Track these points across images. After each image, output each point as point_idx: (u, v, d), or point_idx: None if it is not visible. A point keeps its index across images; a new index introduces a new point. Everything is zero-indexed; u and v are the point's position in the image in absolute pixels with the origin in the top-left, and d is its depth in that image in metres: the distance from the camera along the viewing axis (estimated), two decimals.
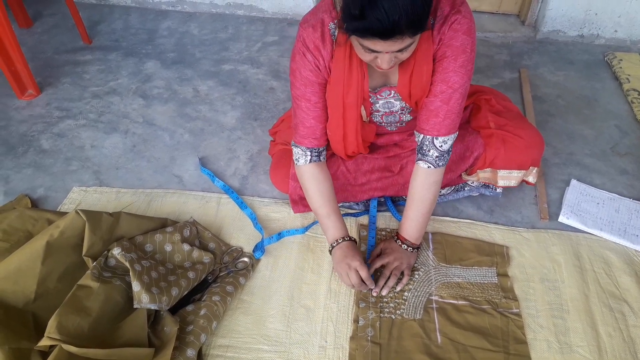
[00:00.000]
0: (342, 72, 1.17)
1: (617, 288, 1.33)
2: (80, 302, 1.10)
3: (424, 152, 1.24)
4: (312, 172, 1.31)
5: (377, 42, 0.96)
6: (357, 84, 1.19)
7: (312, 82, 1.20)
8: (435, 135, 1.22)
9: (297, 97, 1.24)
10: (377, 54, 1.02)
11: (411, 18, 0.91)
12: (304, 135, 1.28)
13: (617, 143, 1.84)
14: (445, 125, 1.20)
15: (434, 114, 1.20)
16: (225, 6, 2.65)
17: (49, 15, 2.63)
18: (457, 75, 1.14)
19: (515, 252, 1.42)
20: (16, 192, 1.60)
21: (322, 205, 1.30)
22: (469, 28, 1.11)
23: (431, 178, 1.27)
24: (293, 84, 1.23)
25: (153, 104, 2.02)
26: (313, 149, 1.29)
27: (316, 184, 1.30)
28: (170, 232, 1.34)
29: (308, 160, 1.30)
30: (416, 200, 1.29)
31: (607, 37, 2.41)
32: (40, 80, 2.12)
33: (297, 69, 1.19)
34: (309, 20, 1.15)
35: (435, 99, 1.18)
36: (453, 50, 1.12)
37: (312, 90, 1.22)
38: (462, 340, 1.20)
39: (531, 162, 1.43)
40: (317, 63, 1.17)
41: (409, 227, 1.32)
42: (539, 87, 2.14)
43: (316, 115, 1.25)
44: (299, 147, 1.30)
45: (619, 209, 1.54)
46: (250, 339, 1.21)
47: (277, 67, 2.25)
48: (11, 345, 1.05)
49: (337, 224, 1.30)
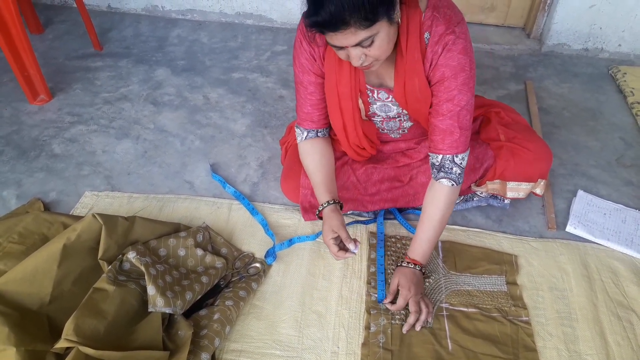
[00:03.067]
0: (334, 63, 1.22)
1: (624, 297, 1.35)
2: (96, 305, 1.12)
3: (447, 170, 1.23)
4: (310, 144, 1.38)
5: (333, 36, 1.01)
6: (350, 74, 1.23)
7: (308, 70, 1.26)
8: (455, 154, 1.22)
9: (297, 83, 1.32)
10: (346, 51, 1.06)
11: (353, 7, 0.94)
12: (304, 119, 1.37)
13: (622, 155, 1.87)
14: (461, 143, 1.21)
15: (449, 133, 1.20)
16: (234, 15, 2.69)
17: (60, 22, 2.66)
18: (461, 93, 1.16)
19: (524, 261, 1.44)
20: (28, 196, 1.62)
21: (313, 172, 1.37)
22: (464, 48, 1.13)
23: (453, 196, 1.26)
24: (294, 70, 1.30)
25: (164, 111, 2.04)
26: (311, 129, 1.38)
27: (312, 156, 1.37)
28: (183, 237, 1.36)
29: (305, 136, 1.38)
30: (436, 220, 1.25)
31: (612, 51, 2.45)
32: (52, 86, 2.14)
33: (296, 56, 1.27)
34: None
35: (444, 118, 1.19)
36: (451, 69, 1.14)
37: (308, 79, 1.28)
38: (473, 347, 1.22)
39: (539, 174, 1.45)
40: (312, 52, 1.23)
41: (426, 249, 1.28)
42: (544, 99, 2.17)
43: (312, 103, 1.33)
44: (298, 128, 1.39)
45: (625, 220, 1.56)
46: (262, 343, 1.22)
47: (286, 75, 2.27)
48: (27, 347, 1.06)
49: (325, 191, 1.34)
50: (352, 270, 1.39)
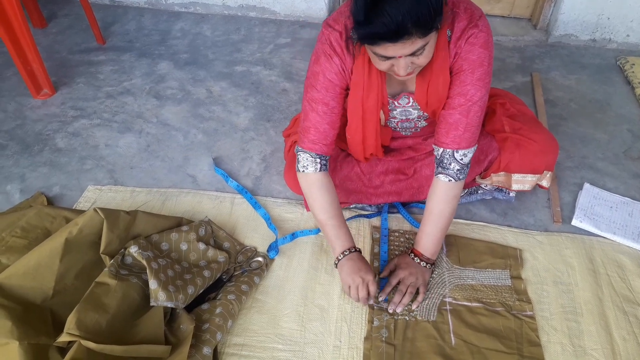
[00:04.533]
0: (362, 77, 1.17)
1: (630, 292, 1.33)
2: (98, 299, 1.12)
3: (445, 165, 1.23)
4: (322, 182, 1.28)
5: (387, 47, 0.97)
6: (377, 88, 1.20)
7: (335, 85, 1.19)
8: (455, 149, 1.21)
9: (315, 100, 1.22)
10: (392, 61, 1.03)
11: (416, 17, 0.91)
12: (315, 141, 1.25)
13: (630, 147, 1.84)
14: (465, 139, 1.20)
15: (453, 127, 1.19)
16: (237, 8, 2.67)
17: (63, 16, 2.66)
18: (475, 88, 1.15)
19: (529, 254, 1.42)
20: (32, 190, 1.62)
21: (333, 217, 1.27)
22: (486, 42, 1.12)
23: (451, 192, 1.25)
24: (313, 87, 1.21)
25: (167, 104, 2.04)
26: (322, 156, 1.27)
27: (327, 194, 1.28)
28: (185, 231, 1.35)
29: (318, 168, 1.27)
30: (435, 214, 1.27)
31: (620, 42, 2.41)
32: (55, 80, 2.14)
33: (322, 71, 1.18)
34: (334, 25, 1.15)
35: (454, 112, 1.18)
36: (470, 63, 1.13)
37: (332, 95, 1.21)
38: (476, 342, 1.21)
39: (545, 166, 1.43)
40: (343, 66, 1.17)
41: (426, 242, 1.29)
42: (551, 90, 2.14)
43: (331, 120, 1.24)
44: (307, 153, 1.27)
45: (632, 213, 1.54)
46: (265, 337, 1.22)
47: (289, 68, 2.26)
48: (30, 341, 1.06)
49: (347, 235, 1.28)
50: None
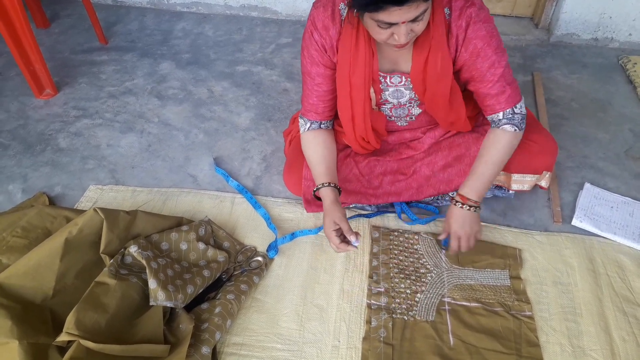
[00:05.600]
0: (348, 52, 1.20)
1: (631, 292, 1.33)
2: (97, 299, 1.12)
3: (510, 117, 1.27)
4: (313, 135, 1.38)
5: (392, 11, 0.98)
6: (365, 63, 1.21)
7: (317, 62, 1.25)
8: (513, 105, 1.26)
9: (304, 74, 1.31)
10: (392, 30, 1.04)
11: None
12: (308, 110, 1.36)
13: (631, 147, 1.84)
14: (515, 95, 1.26)
15: (501, 93, 1.24)
16: (239, 8, 2.68)
17: (66, 16, 2.67)
18: (498, 54, 1.20)
19: (528, 254, 1.42)
20: (34, 190, 1.63)
21: (318, 163, 1.35)
22: (486, 16, 1.17)
23: (515, 141, 1.29)
24: (302, 61, 1.30)
25: (168, 104, 2.04)
26: (314, 121, 1.37)
27: (314, 147, 1.37)
28: (185, 230, 1.36)
29: (308, 127, 1.38)
30: (494, 162, 1.27)
31: (622, 41, 2.40)
32: (58, 80, 2.15)
33: (306, 47, 1.26)
34: (319, 1, 1.20)
35: (493, 84, 1.23)
36: (483, 39, 1.17)
37: (317, 71, 1.27)
38: (475, 342, 1.21)
39: (544, 167, 1.43)
40: (324, 43, 1.22)
41: (476, 182, 1.28)
42: (552, 90, 2.13)
43: (319, 94, 1.32)
44: (302, 119, 1.39)
45: (633, 213, 1.53)
46: (264, 337, 1.22)
47: (290, 68, 2.26)
48: (29, 340, 1.07)
49: (325, 173, 1.32)
50: (354, 264, 1.39)
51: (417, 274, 1.36)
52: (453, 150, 1.46)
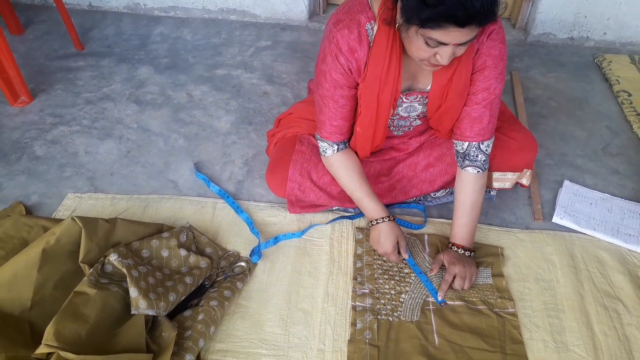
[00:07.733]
0: (380, 70, 1.16)
1: (611, 287, 1.35)
2: (77, 309, 1.10)
3: (472, 158, 1.29)
4: (341, 160, 1.36)
5: (450, 32, 0.96)
6: (393, 81, 1.20)
7: (342, 85, 1.22)
8: (481, 141, 1.27)
9: (325, 97, 1.26)
10: (438, 49, 1.02)
11: (490, 6, 0.92)
12: (331, 132, 1.33)
13: (609, 144, 1.87)
14: (489, 130, 1.26)
15: (478, 121, 1.24)
16: (218, 12, 2.66)
17: (40, 22, 2.62)
18: (497, 81, 1.20)
19: (510, 252, 1.43)
20: (10, 200, 1.59)
21: (356, 189, 1.35)
22: (504, 37, 1.18)
23: (481, 181, 1.31)
24: (321, 84, 1.24)
25: (147, 110, 2.02)
26: (340, 142, 1.36)
27: (346, 170, 1.36)
28: (166, 237, 1.34)
29: (335, 150, 1.36)
30: (468, 205, 1.32)
31: (597, 40, 2.44)
32: (33, 87, 2.11)
33: (328, 70, 1.20)
34: (343, 21, 1.15)
35: (478, 107, 1.23)
36: (493, 59, 1.17)
37: (341, 93, 1.24)
38: (459, 341, 1.21)
39: (525, 164, 1.45)
40: (350, 66, 1.18)
41: (465, 233, 1.34)
42: (531, 89, 2.16)
43: (344, 116, 1.29)
44: (325, 142, 1.36)
45: (611, 209, 1.56)
46: (248, 343, 1.21)
47: (270, 71, 2.25)
48: (8, 354, 1.05)
49: (378, 204, 1.35)
50: (339, 266, 1.39)
51: (401, 274, 1.36)
52: (434, 150, 1.46)
